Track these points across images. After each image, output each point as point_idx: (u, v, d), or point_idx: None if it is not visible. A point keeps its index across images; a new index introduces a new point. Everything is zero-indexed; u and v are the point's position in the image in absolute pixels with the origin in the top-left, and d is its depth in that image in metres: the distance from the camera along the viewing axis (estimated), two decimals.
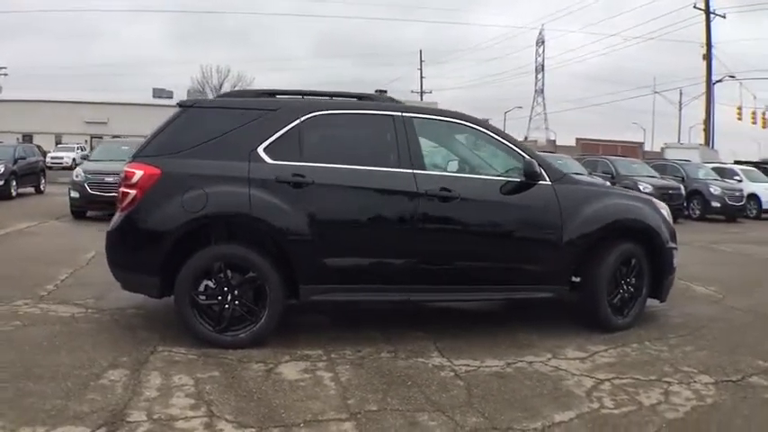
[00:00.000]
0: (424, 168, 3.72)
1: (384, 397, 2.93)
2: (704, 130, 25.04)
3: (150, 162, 3.52)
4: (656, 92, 38.76)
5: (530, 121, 54.00)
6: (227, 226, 3.58)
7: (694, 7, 24.12)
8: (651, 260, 4.04)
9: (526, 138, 47.12)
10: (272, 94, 3.94)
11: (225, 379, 3.08)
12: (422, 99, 44.22)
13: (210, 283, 3.51)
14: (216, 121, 3.67)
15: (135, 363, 3.24)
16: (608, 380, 3.19)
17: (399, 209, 3.65)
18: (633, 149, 42.05)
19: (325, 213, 3.53)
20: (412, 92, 44.43)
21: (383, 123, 3.79)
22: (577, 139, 46.42)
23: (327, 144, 3.82)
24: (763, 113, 26.08)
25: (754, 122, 26.48)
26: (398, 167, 3.68)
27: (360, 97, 3.98)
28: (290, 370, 3.24)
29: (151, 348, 3.47)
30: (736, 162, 20.26)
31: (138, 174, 3.51)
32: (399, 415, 2.74)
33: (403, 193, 3.64)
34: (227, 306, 3.50)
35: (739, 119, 26.60)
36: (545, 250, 3.82)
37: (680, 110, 38.18)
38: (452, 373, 3.27)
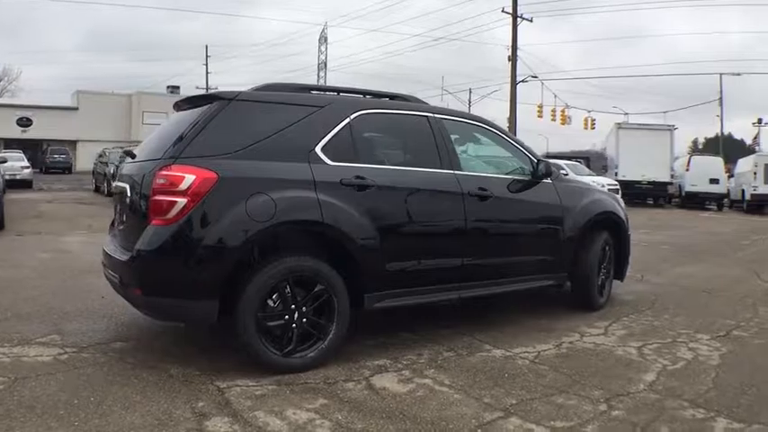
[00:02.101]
0: (461, 169, 3.84)
1: (508, 390, 3.02)
2: (508, 127, 26.47)
3: (201, 165, 2.94)
4: (446, 91, 42.03)
5: None
6: (295, 235, 3.15)
7: (503, 11, 25.98)
8: (617, 246, 4.81)
9: None
10: (309, 89, 3.61)
11: (342, 404, 2.80)
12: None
13: (271, 303, 3.06)
14: (265, 118, 3.25)
15: (219, 406, 2.71)
16: (642, 346, 3.79)
17: (449, 209, 3.73)
18: None
19: (385, 217, 3.42)
20: (197, 87, 42.43)
21: (421, 124, 3.82)
22: None
23: (376, 144, 3.68)
24: (563, 110, 29.67)
25: (554, 119, 29.55)
26: (441, 168, 3.74)
27: (392, 97, 3.90)
28: (387, 383, 3.07)
29: (213, 386, 2.91)
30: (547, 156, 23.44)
31: (189, 178, 2.90)
32: (541, 402, 2.87)
33: (451, 193, 3.72)
34: (294, 325, 3.11)
35: (539, 116, 29.30)
36: (554, 241, 4.30)
37: (469, 108, 40.86)
38: (527, 361, 3.48)
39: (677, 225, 13.81)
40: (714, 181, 20.48)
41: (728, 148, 36.74)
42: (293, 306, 3.11)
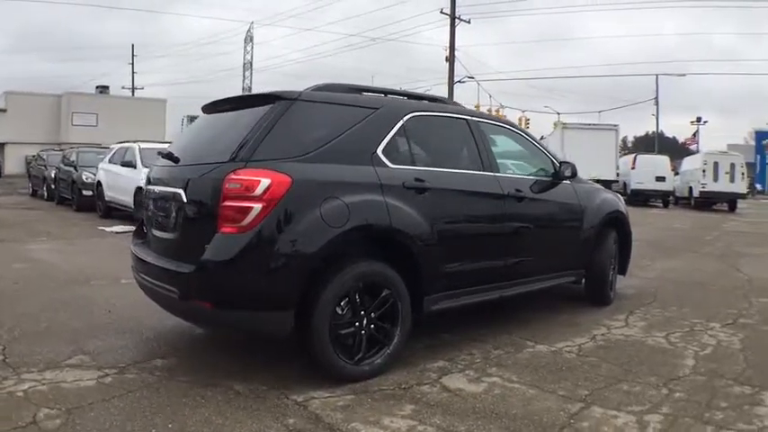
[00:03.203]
0: (499, 171, 3.96)
1: (575, 382, 3.15)
2: None
3: (274, 168, 2.84)
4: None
5: None
6: (364, 240, 3.13)
7: (441, 12, 26.23)
8: (621, 243, 5.11)
9: None
10: (360, 90, 3.59)
11: (430, 408, 2.79)
12: (133, 95, 41.12)
13: (340, 310, 3.02)
14: (328, 119, 3.19)
15: (312, 421, 2.61)
16: (667, 335, 4.06)
17: (493, 210, 3.84)
18: None
19: (442, 219, 3.45)
20: (123, 88, 40.79)
21: (462, 126, 3.90)
22: None
23: (426, 147, 3.69)
24: (497, 111, 30.49)
25: None
26: (483, 170, 3.84)
27: (431, 99, 3.95)
28: (459, 384, 3.10)
29: (290, 401, 2.81)
30: None
31: (265, 183, 2.77)
32: (610, 391, 3.02)
33: (495, 195, 3.83)
34: (362, 332, 3.08)
35: None
36: (575, 239, 4.52)
37: None
38: (573, 354, 3.64)
39: (633, 222, 14.67)
40: (660, 179, 21.28)
41: (660, 146, 38.63)
42: (362, 312, 3.08)
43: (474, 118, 4.02)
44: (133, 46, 44.62)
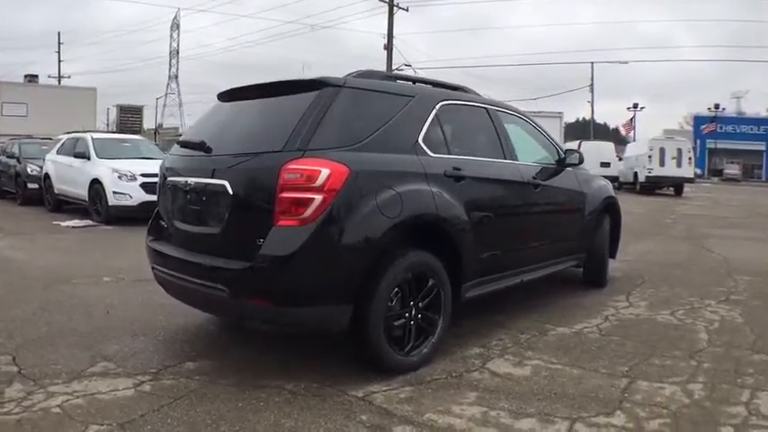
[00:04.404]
0: (517, 159, 4.02)
1: (611, 360, 3.28)
2: None
3: (332, 158, 2.73)
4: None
5: (164, 107, 51.87)
6: (413, 230, 3.08)
7: (379, 0, 26.36)
8: (612, 227, 5.33)
9: (161, 125, 46.12)
10: (394, 78, 3.51)
11: (492, 393, 2.82)
12: (60, 83, 38.87)
13: (391, 301, 2.98)
14: (374, 107, 3.10)
15: (384, 416, 2.56)
16: (673, 313, 4.32)
17: (517, 197, 3.92)
18: None
19: (478, 207, 3.48)
20: (49, 77, 38.48)
21: (484, 115, 3.93)
22: None
23: (457, 135, 3.67)
24: None
25: None
26: (504, 158, 3.89)
27: (453, 88, 3.94)
28: (505, 368, 3.15)
29: (350, 397, 2.75)
30: None
31: (324, 173, 2.66)
32: (646, 365, 3.18)
33: (518, 183, 3.90)
34: (412, 323, 3.06)
35: None
36: (579, 224, 4.69)
37: None
38: (596, 334, 3.79)
39: None
40: (605, 164, 21.90)
41: (593, 132, 40.33)
42: (411, 303, 3.05)
43: (492, 106, 4.06)
44: (59, 34, 41.67)
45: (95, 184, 9.23)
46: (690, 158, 20.85)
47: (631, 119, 45.10)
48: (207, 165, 3.05)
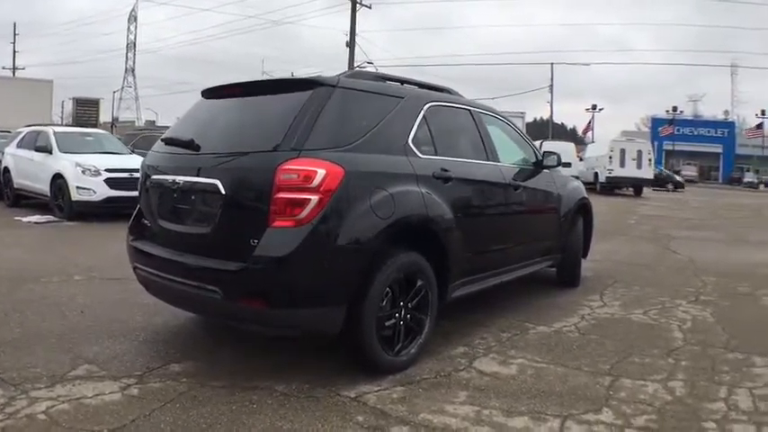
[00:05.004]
0: (499, 161, 4.09)
1: (593, 359, 3.38)
2: None
3: (328, 158, 2.71)
4: (264, 72, 41.38)
5: (120, 101, 51.43)
6: (403, 231, 3.08)
7: None
8: (585, 228, 5.48)
9: (117, 118, 45.14)
10: (384, 78, 3.51)
11: (482, 392, 2.86)
12: (14, 75, 37.49)
13: (382, 302, 2.99)
14: (366, 108, 3.10)
15: (380, 416, 2.58)
16: (646, 312, 4.47)
17: (499, 198, 3.99)
18: None
19: (464, 208, 3.53)
20: (3, 68, 37.09)
21: (467, 117, 3.98)
22: None
23: (443, 137, 3.68)
24: None
25: None
26: (487, 160, 3.95)
27: (437, 89, 3.96)
28: (491, 367, 3.21)
29: (343, 397, 2.75)
30: None
31: (321, 173, 2.64)
32: (626, 364, 3.30)
33: (501, 184, 3.97)
34: (401, 323, 3.09)
35: None
36: (556, 224, 4.81)
37: None
38: (575, 333, 3.91)
39: None
40: (566, 164, 22.31)
41: (547, 132, 40.80)
42: (401, 303, 3.07)
43: (474, 108, 4.12)
44: (15, 24, 40.04)
45: (58, 179, 8.88)
46: (650, 160, 21.57)
47: (589, 122, 46.30)
48: (196, 163, 2.98)
